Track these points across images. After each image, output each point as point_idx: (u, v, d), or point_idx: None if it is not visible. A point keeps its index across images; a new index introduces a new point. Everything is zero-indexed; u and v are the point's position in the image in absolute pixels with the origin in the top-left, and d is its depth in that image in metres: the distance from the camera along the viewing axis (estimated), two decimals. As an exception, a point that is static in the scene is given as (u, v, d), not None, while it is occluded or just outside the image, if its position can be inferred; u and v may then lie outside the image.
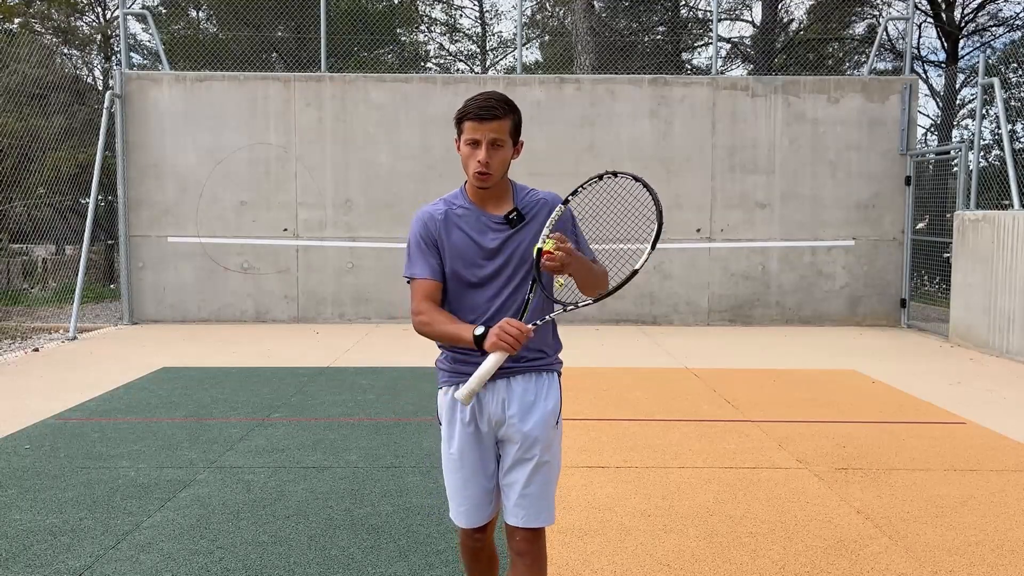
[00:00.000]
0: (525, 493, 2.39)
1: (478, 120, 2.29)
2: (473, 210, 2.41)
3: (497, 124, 2.30)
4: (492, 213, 2.41)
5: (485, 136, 2.29)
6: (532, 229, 2.40)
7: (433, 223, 2.41)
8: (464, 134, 2.34)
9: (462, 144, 2.36)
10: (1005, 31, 21.23)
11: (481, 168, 2.31)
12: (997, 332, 8.77)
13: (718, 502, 4.13)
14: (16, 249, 14.53)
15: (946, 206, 10.80)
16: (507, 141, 2.34)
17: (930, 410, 6.24)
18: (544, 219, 2.42)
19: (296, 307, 11.07)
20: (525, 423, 2.39)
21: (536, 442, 2.39)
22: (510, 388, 2.41)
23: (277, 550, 3.51)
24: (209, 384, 6.93)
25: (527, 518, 2.39)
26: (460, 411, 2.44)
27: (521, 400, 2.40)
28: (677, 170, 11.05)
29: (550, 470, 2.43)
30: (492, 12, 27.21)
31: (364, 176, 11.00)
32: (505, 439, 2.43)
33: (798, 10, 24.01)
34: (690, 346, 9.26)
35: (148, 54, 18.71)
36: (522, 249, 2.39)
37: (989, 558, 3.49)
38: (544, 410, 2.42)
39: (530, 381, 2.43)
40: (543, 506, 2.41)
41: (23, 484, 4.34)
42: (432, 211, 2.44)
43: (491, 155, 2.31)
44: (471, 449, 2.44)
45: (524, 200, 2.44)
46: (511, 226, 2.39)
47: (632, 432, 5.46)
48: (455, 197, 2.45)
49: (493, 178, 2.35)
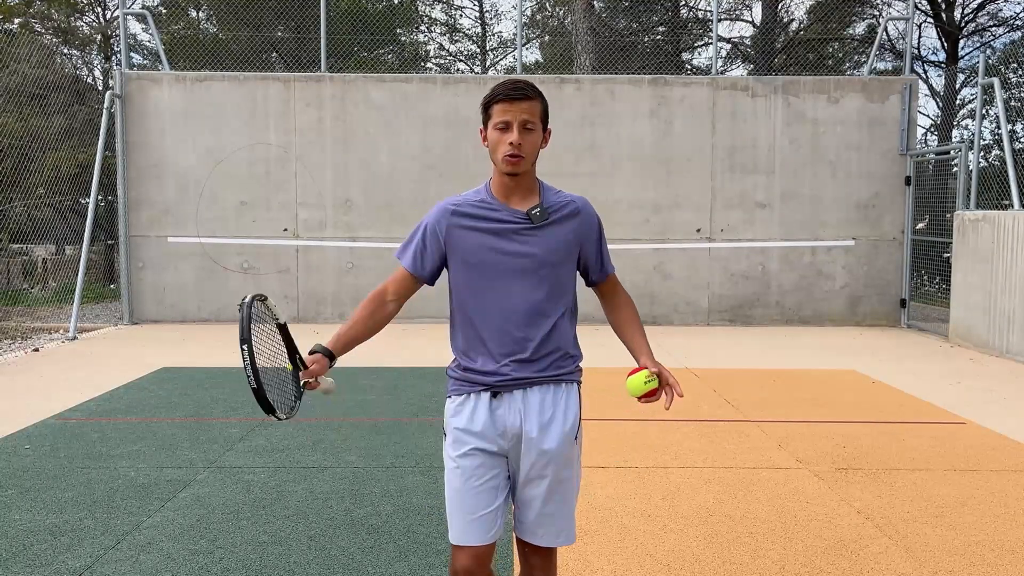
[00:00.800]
0: (544, 512, 2.27)
1: (509, 101, 2.18)
2: (495, 204, 2.27)
3: (528, 105, 2.19)
4: (515, 208, 2.26)
5: (516, 117, 2.17)
6: (555, 231, 2.27)
7: (445, 216, 2.28)
8: (493, 118, 2.21)
9: (490, 131, 2.22)
10: (1005, 31, 21.23)
11: (513, 150, 2.17)
12: (997, 332, 8.77)
13: (718, 502, 4.13)
14: (16, 249, 14.53)
15: (946, 206, 10.80)
16: (538, 125, 2.22)
17: (930, 410, 6.24)
18: (570, 222, 2.29)
19: (296, 307, 11.07)
20: (543, 439, 2.24)
21: (554, 459, 2.25)
22: (527, 400, 2.26)
23: (277, 550, 3.51)
24: (209, 384, 6.93)
25: (546, 537, 2.28)
26: (473, 420, 2.27)
27: (539, 414, 2.25)
28: (677, 170, 11.05)
29: (569, 488, 2.31)
30: (492, 12, 27.23)
31: (364, 176, 11.00)
32: (521, 454, 2.27)
33: (798, 10, 24.03)
34: (690, 346, 9.26)
35: (148, 54, 18.71)
36: (544, 249, 2.25)
37: (989, 558, 3.49)
38: (564, 425, 2.27)
39: (548, 393, 2.28)
40: (563, 526, 2.30)
41: (23, 484, 4.34)
42: (448, 203, 2.31)
43: (523, 137, 2.19)
44: (482, 460, 2.26)
45: (551, 199, 2.30)
46: (533, 223, 2.24)
47: (632, 432, 5.46)
48: (478, 192, 2.32)
49: (525, 162, 2.21)
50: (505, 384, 2.25)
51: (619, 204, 10.95)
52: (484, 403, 2.27)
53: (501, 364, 2.24)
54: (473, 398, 2.28)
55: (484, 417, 2.25)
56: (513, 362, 2.24)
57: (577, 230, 2.32)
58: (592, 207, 2.40)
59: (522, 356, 2.25)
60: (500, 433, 2.26)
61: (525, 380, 2.25)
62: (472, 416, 2.27)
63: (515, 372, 2.25)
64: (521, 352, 2.24)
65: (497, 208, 2.26)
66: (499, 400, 2.26)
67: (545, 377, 2.27)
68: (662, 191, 11.04)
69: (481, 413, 2.26)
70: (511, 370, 2.25)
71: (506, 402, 2.26)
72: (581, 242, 2.33)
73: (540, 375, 2.27)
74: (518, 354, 2.24)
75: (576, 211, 2.32)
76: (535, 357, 2.26)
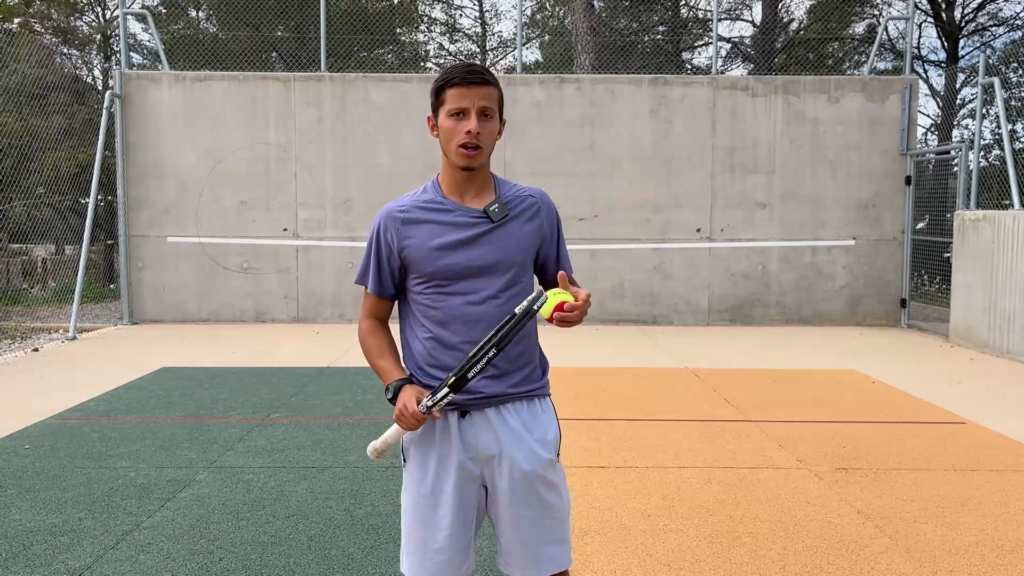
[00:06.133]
0: (532, 541, 2.04)
1: (465, 85, 1.96)
2: (447, 203, 2.05)
3: (487, 90, 1.98)
4: (469, 207, 2.05)
5: (474, 103, 1.96)
6: (516, 227, 2.06)
7: (394, 224, 2.05)
8: (447, 104, 1.99)
9: (443, 118, 2.00)
10: (1005, 31, 21.23)
11: (470, 139, 1.96)
12: (997, 332, 8.77)
13: (718, 502, 4.13)
14: (16, 249, 14.53)
15: (946, 206, 10.80)
16: (495, 113, 2.01)
17: (930, 410, 6.23)
18: (531, 217, 2.10)
19: (296, 307, 11.07)
20: (523, 461, 2.03)
21: (538, 482, 2.04)
22: (502, 419, 2.05)
23: (277, 550, 3.51)
24: (209, 384, 6.93)
25: (529, 568, 2.06)
26: (440, 442, 2.05)
27: (516, 433, 2.04)
28: (677, 170, 11.05)
29: (557, 511, 2.09)
30: (492, 12, 27.21)
31: (364, 176, 11.00)
32: (497, 479, 2.04)
33: (798, 10, 24.04)
34: (690, 346, 9.26)
35: (148, 54, 18.70)
36: (507, 247, 2.04)
37: (989, 558, 3.48)
38: (543, 444, 2.07)
39: (522, 410, 2.08)
40: (553, 552, 2.07)
41: (23, 484, 4.33)
42: (393, 209, 2.08)
43: (481, 126, 1.97)
44: (453, 489, 2.02)
45: (508, 194, 2.10)
46: (491, 220, 2.03)
47: (632, 432, 5.45)
48: (424, 191, 2.11)
49: (483, 153, 2.00)
50: (476, 403, 2.04)
51: (619, 204, 10.95)
52: (452, 425, 2.05)
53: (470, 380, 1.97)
54: (439, 420, 2.04)
55: (454, 440, 2.04)
56: (484, 377, 1.99)
57: (538, 226, 2.11)
58: (551, 199, 2.19)
59: (493, 370, 2.02)
60: (473, 456, 2.04)
61: (498, 398, 2.04)
62: (440, 439, 2.05)
63: (487, 389, 2.03)
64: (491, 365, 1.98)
65: (450, 208, 2.05)
66: (469, 420, 2.05)
67: (519, 393, 2.07)
68: (662, 191, 11.04)
69: (450, 436, 2.05)
70: (482, 386, 2.02)
71: (479, 422, 2.04)
72: (541, 239, 2.12)
73: (513, 391, 2.06)
74: (488, 367, 1.97)
75: (536, 205, 2.12)
76: (507, 370, 2.05)
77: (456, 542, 2.04)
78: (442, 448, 2.05)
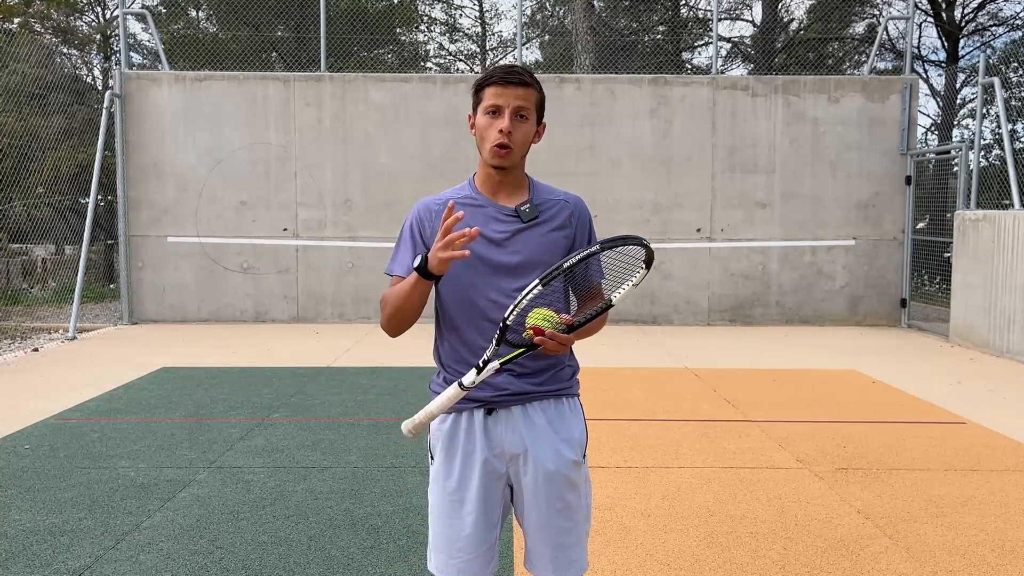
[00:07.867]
0: (555, 543, 2.05)
1: (503, 84, 1.97)
2: (480, 200, 2.06)
3: (524, 91, 1.98)
4: (503, 204, 2.06)
5: (509, 103, 1.96)
6: (545, 230, 2.06)
7: (428, 216, 2.07)
8: (484, 102, 1.99)
9: (479, 115, 2.01)
10: (1005, 31, 21.25)
11: (502, 139, 1.96)
12: (997, 332, 8.77)
13: (718, 502, 4.13)
14: (16, 249, 14.53)
15: (946, 206, 10.80)
16: (532, 114, 2.01)
17: (930, 410, 6.23)
18: (562, 225, 2.07)
19: (296, 307, 11.07)
20: (547, 460, 2.03)
21: (562, 482, 2.04)
22: (528, 418, 2.04)
23: (277, 550, 3.51)
24: (209, 384, 6.93)
25: (556, 569, 2.07)
26: (465, 440, 2.05)
27: (542, 433, 2.04)
28: (677, 170, 11.05)
29: (576, 513, 2.08)
30: (492, 12, 27.23)
31: (364, 176, 10.99)
32: (522, 478, 2.05)
33: (798, 10, 24.05)
34: (690, 346, 9.26)
35: (148, 54, 18.71)
36: (534, 248, 2.03)
37: (989, 558, 3.48)
38: (569, 444, 2.07)
39: (550, 409, 2.07)
40: (574, 556, 2.08)
41: (23, 484, 4.33)
42: (430, 202, 2.10)
43: (514, 125, 1.97)
44: (478, 487, 2.03)
45: (541, 195, 2.10)
46: (522, 220, 2.04)
47: (632, 432, 5.45)
48: (461, 188, 2.12)
49: (513, 154, 1.99)
50: (502, 400, 2.03)
51: (619, 204, 10.95)
52: (478, 422, 2.05)
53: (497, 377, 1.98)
54: (464, 417, 2.05)
55: (479, 437, 2.04)
56: (510, 375, 2.01)
57: (569, 234, 2.10)
58: (586, 207, 2.18)
59: (520, 367, 2.02)
60: (498, 455, 2.04)
61: (525, 395, 2.03)
62: (466, 437, 2.05)
63: (513, 386, 2.03)
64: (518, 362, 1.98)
65: (483, 204, 2.06)
66: (495, 418, 2.04)
67: (546, 391, 2.06)
68: (662, 191, 11.03)
69: (475, 433, 2.05)
70: (509, 383, 2.02)
71: (504, 421, 2.04)
72: (571, 247, 2.09)
73: (540, 389, 2.05)
74: (516, 365, 1.99)
75: (569, 212, 2.11)
76: (534, 368, 2.04)
77: (481, 540, 2.04)
78: (467, 445, 2.05)
